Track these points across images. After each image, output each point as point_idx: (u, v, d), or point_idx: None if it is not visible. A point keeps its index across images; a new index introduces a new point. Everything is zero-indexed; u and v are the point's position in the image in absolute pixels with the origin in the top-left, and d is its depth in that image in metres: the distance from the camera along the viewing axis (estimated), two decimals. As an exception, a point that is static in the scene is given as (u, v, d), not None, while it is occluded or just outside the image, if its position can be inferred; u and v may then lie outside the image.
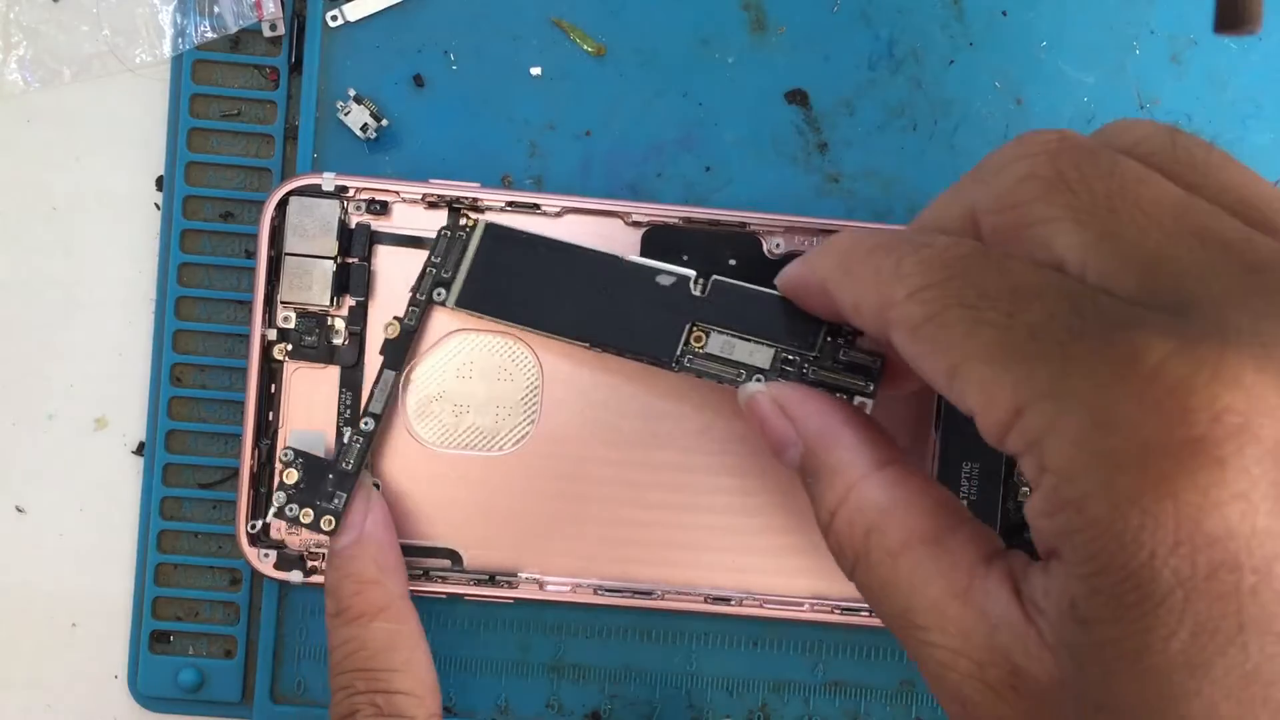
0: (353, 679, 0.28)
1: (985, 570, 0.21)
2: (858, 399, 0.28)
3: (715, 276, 0.29)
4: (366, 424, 0.30)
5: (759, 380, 0.28)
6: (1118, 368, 0.18)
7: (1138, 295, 0.19)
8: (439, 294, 0.30)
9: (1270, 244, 0.19)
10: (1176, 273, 0.19)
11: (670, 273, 0.29)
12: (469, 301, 0.30)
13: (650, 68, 0.32)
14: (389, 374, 0.30)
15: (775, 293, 0.28)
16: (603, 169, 0.32)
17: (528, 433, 0.31)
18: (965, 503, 0.30)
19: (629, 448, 0.31)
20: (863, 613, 0.31)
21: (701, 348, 0.29)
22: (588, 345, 0.29)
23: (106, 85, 0.33)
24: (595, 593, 0.31)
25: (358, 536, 0.30)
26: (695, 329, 0.29)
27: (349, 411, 0.31)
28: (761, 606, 0.31)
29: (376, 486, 0.31)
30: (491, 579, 0.31)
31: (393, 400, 0.30)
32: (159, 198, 0.33)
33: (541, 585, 0.31)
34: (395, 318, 0.30)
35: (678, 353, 0.29)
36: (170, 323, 0.32)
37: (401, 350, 0.30)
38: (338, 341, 0.30)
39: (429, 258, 0.30)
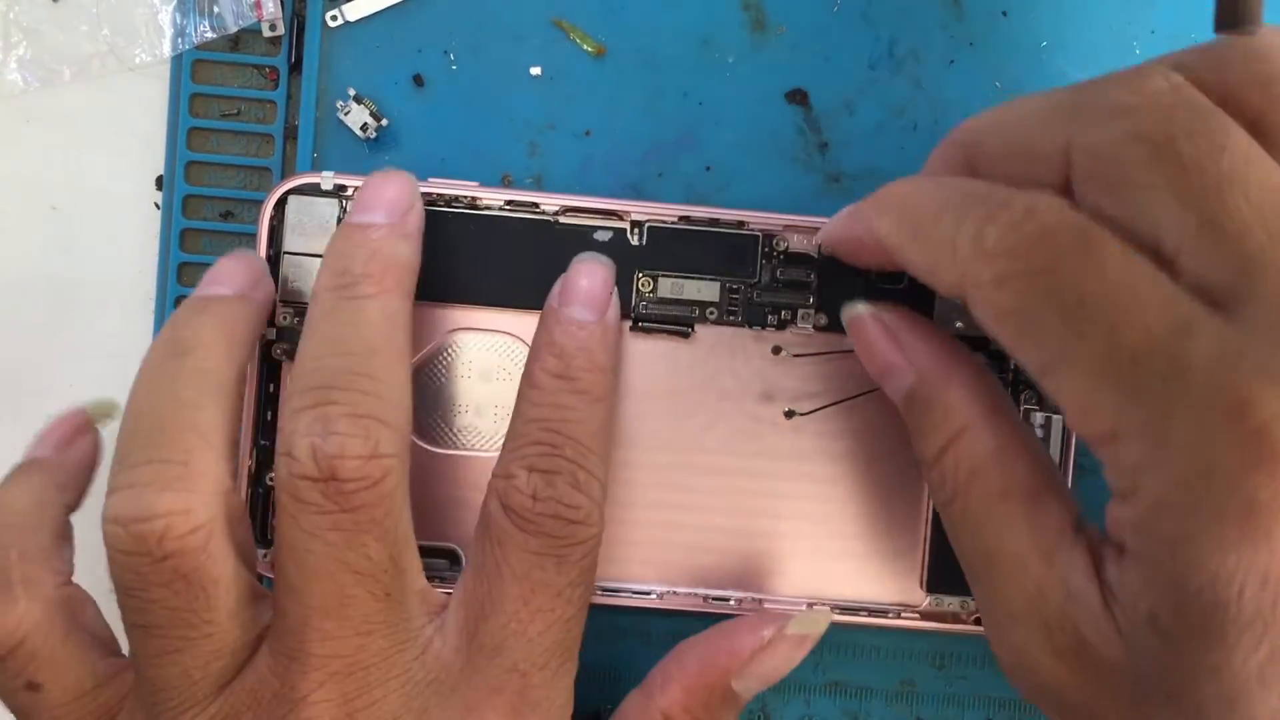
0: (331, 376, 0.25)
1: (1072, 540, 0.22)
2: (802, 311, 0.30)
3: (649, 224, 0.30)
4: None
5: (864, 303, 0.27)
6: (1224, 417, 0.19)
7: (1230, 298, 0.20)
8: None
9: None
10: (1275, 287, 0.19)
11: (606, 227, 0.30)
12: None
13: (650, 68, 0.32)
14: None
15: (707, 229, 0.30)
16: (603, 169, 0.32)
17: None
18: None
19: (628, 448, 0.31)
20: (862, 613, 0.31)
21: (653, 294, 0.30)
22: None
23: (106, 85, 0.33)
24: (595, 593, 0.31)
25: (401, 222, 0.27)
26: (642, 277, 0.30)
27: None
28: (761, 606, 0.31)
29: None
30: None
31: None
32: (159, 197, 0.33)
33: None
34: None
35: (633, 302, 0.30)
36: (170, 322, 0.32)
37: None
38: None
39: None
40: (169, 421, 0.25)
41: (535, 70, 0.32)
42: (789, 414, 0.31)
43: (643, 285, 0.30)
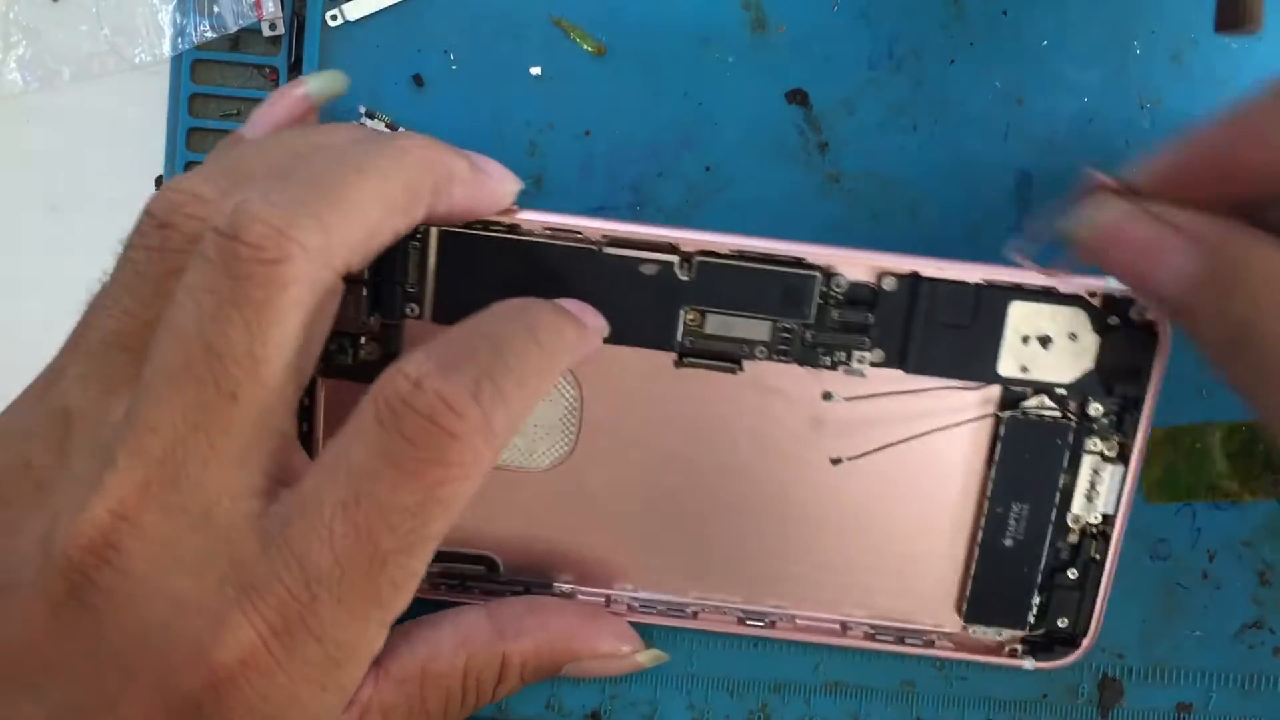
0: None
1: None
2: (858, 354, 0.29)
3: (699, 258, 0.28)
4: None
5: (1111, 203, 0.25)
6: None
7: None
8: (412, 309, 0.29)
9: None
10: None
11: (653, 261, 0.28)
12: (445, 314, 0.29)
13: (650, 68, 0.32)
14: None
15: (758, 266, 0.28)
16: (603, 169, 0.32)
17: (566, 451, 0.30)
18: (1012, 543, 0.30)
19: (671, 474, 0.30)
20: (895, 640, 0.31)
21: (699, 329, 0.29)
22: None
23: (106, 85, 0.33)
24: (630, 609, 0.31)
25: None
26: (689, 312, 0.29)
27: None
28: (795, 624, 0.31)
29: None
30: (527, 589, 0.31)
31: None
32: (159, 197, 0.33)
33: (574, 598, 0.31)
34: (372, 340, 0.29)
35: (678, 337, 0.29)
36: (170, 323, 0.32)
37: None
38: (371, 358, 0.29)
39: (368, 275, 0.29)
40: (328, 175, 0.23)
41: (535, 70, 0.32)
42: (836, 461, 0.30)
43: (690, 320, 0.29)
